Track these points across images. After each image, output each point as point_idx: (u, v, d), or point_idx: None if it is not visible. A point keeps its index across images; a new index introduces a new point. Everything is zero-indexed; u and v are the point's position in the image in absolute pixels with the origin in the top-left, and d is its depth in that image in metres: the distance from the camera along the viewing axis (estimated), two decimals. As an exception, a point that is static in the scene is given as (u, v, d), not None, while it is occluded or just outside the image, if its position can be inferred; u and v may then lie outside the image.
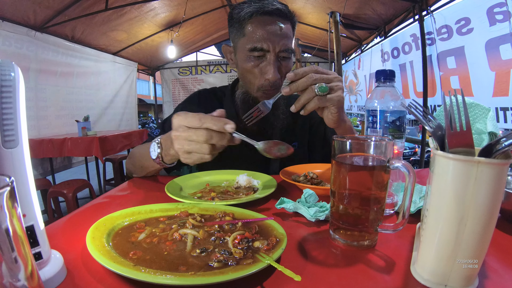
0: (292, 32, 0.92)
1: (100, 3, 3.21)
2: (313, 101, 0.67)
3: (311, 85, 0.67)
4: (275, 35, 0.84)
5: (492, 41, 2.12)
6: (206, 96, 1.09)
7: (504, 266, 0.39)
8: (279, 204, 0.58)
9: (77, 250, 0.43)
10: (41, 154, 3.07)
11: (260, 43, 0.84)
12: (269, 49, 0.84)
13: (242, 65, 0.90)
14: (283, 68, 0.88)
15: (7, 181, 0.18)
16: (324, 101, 0.67)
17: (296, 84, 0.67)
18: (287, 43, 0.87)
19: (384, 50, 3.86)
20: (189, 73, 6.33)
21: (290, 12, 0.91)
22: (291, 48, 0.88)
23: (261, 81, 0.89)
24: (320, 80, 0.67)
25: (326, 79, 0.68)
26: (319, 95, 0.67)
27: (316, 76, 0.67)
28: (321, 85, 0.66)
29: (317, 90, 0.66)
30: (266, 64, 0.86)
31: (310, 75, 0.67)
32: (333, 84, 0.68)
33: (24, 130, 0.33)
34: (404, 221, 0.41)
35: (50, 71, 3.50)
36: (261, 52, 0.85)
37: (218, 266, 0.37)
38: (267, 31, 0.84)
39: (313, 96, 0.67)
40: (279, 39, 0.84)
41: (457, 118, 0.33)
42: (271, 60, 0.85)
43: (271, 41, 0.84)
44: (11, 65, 0.32)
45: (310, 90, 0.67)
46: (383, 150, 0.42)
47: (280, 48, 0.85)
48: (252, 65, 0.88)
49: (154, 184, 0.82)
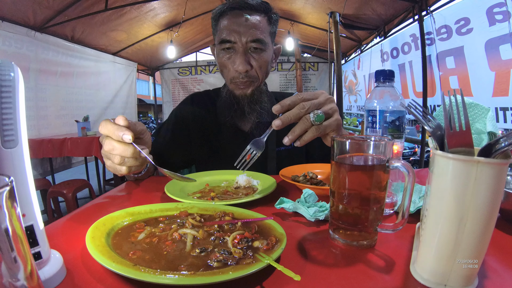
0: (268, 25, 0.93)
1: (100, 3, 3.21)
2: (310, 131, 0.61)
3: (304, 115, 0.61)
4: (241, 26, 0.87)
5: (491, 41, 2.12)
6: (199, 99, 1.10)
7: (504, 266, 0.39)
8: (279, 204, 0.58)
9: (76, 250, 0.43)
10: (41, 154, 3.07)
11: (227, 35, 0.87)
12: (236, 40, 0.87)
13: (217, 60, 0.95)
14: (255, 60, 0.90)
15: (6, 181, 0.18)
16: (323, 130, 0.62)
17: (288, 116, 0.60)
18: (256, 34, 0.87)
19: (383, 50, 3.87)
20: (189, 73, 6.33)
21: (264, 5, 0.92)
22: (261, 39, 0.88)
23: (232, 73, 0.91)
24: (313, 107, 0.62)
25: (318, 104, 0.63)
26: (316, 124, 0.61)
27: (308, 104, 0.61)
28: (318, 114, 0.61)
29: (314, 120, 0.61)
30: (234, 56, 0.89)
31: (301, 105, 0.61)
32: (327, 108, 0.64)
33: (23, 130, 0.33)
34: (403, 221, 0.41)
35: (50, 71, 3.50)
36: (229, 44, 0.88)
37: (217, 265, 0.37)
38: (233, 23, 0.88)
39: (309, 126, 0.61)
40: (245, 30, 0.86)
41: (457, 118, 0.33)
42: (239, 51, 0.88)
43: (236, 32, 0.87)
44: (11, 65, 0.32)
45: (305, 120, 0.61)
46: (383, 150, 0.42)
47: (247, 38, 0.86)
48: (223, 58, 0.91)
49: (154, 184, 0.82)
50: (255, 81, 0.93)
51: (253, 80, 0.92)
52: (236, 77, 0.91)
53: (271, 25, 0.95)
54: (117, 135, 0.56)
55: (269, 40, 0.93)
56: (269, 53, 0.94)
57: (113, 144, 0.57)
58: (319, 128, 0.62)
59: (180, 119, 1.07)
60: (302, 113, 0.61)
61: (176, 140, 1.04)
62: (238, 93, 0.95)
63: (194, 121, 1.06)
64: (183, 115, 1.07)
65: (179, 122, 1.06)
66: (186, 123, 1.06)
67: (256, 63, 0.90)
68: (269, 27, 0.93)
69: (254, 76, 0.92)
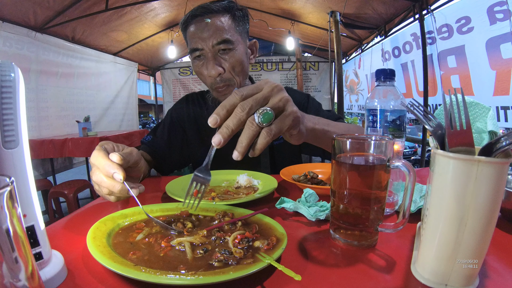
0: (233, 22, 0.90)
1: (100, 3, 3.21)
2: (261, 136, 0.46)
3: (247, 118, 0.45)
4: (204, 31, 0.86)
5: (492, 40, 2.11)
6: (194, 99, 1.11)
7: (505, 266, 0.39)
8: (279, 203, 0.58)
9: (78, 250, 0.43)
10: (42, 154, 3.08)
11: (194, 44, 0.88)
12: (203, 46, 0.87)
13: (193, 70, 0.95)
14: (226, 61, 0.88)
15: (7, 181, 0.18)
16: (276, 130, 0.47)
17: (228, 126, 0.45)
18: (220, 35, 0.86)
19: (384, 50, 3.86)
20: (190, 73, 6.32)
21: (225, 4, 0.89)
22: (226, 39, 0.86)
23: (208, 79, 0.91)
24: (256, 104, 0.46)
25: (263, 99, 0.47)
26: (265, 126, 0.46)
27: (248, 103, 0.45)
28: (263, 113, 0.45)
29: (260, 121, 0.45)
30: (206, 61, 0.89)
31: (240, 106, 0.45)
32: (274, 100, 0.48)
33: (24, 131, 0.33)
34: (404, 221, 0.41)
35: (51, 72, 3.51)
36: (198, 52, 0.88)
37: (218, 265, 0.37)
38: (197, 30, 0.87)
39: (257, 131, 0.45)
40: (208, 34, 0.86)
41: (457, 117, 0.33)
42: (208, 56, 0.88)
43: (201, 39, 0.86)
44: (11, 65, 0.32)
45: (250, 124, 0.45)
46: (383, 149, 0.42)
47: (212, 42, 0.85)
48: (198, 68, 0.91)
49: (155, 185, 0.82)
50: (232, 83, 0.91)
51: (230, 84, 0.91)
52: (213, 83, 0.90)
53: (238, 21, 0.92)
54: (108, 172, 0.54)
55: (237, 37, 0.90)
56: (240, 51, 0.91)
57: (102, 178, 0.55)
58: (271, 130, 0.46)
59: (175, 119, 1.09)
60: (243, 116, 0.45)
61: (172, 139, 1.05)
62: (221, 99, 0.94)
63: (189, 121, 1.08)
64: (179, 115, 1.09)
65: (174, 122, 1.08)
66: (181, 123, 1.08)
67: (228, 64, 0.88)
68: (234, 25, 0.91)
69: (229, 79, 0.90)
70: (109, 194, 0.57)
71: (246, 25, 0.97)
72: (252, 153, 0.47)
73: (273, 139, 0.47)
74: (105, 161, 0.54)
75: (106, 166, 0.54)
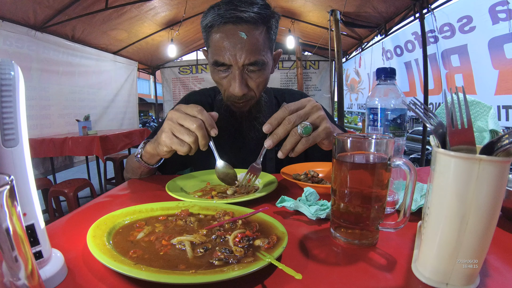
0: (268, 37, 0.81)
1: (100, 2, 3.21)
2: (300, 143, 0.65)
3: (292, 129, 0.64)
4: (236, 47, 0.75)
5: (495, 39, 2.11)
6: (196, 98, 1.09)
7: (505, 265, 0.39)
8: (280, 202, 0.58)
9: (78, 249, 0.43)
10: (42, 153, 3.08)
11: (222, 57, 0.77)
12: (231, 63, 0.77)
13: (212, 76, 0.86)
14: (253, 80, 0.81)
15: (6, 180, 0.18)
16: (312, 140, 0.65)
17: (277, 135, 0.64)
18: (253, 56, 0.76)
19: (386, 48, 3.85)
20: (190, 72, 6.32)
21: (263, 13, 0.77)
22: (260, 61, 0.78)
23: (227, 92, 0.84)
24: (299, 119, 0.64)
25: (305, 115, 0.65)
26: (304, 136, 0.65)
27: (293, 117, 0.64)
28: (305, 126, 0.64)
29: (302, 132, 0.64)
30: (230, 78, 0.80)
31: (287, 119, 0.64)
32: (314, 117, 0.66)
33: (24, 129, 0.33)
34: (405, 220, 0.41)
35: (52, 70, 3.51)
36: (224, 67, 0.79)
37: (218, 264, 0.37)
38: (228, 43, 0.76)
39: (298, 140, 0.65)
40: (241, 53, 0.75)
41: (459, 116, 0.33)
42: (235, 74, 0.78)
43: (232, 55, 0.76)
44: (11, 64, 0.32)
45: (293, 134, 0.64)
46: (384, 148, 0.42)
47: (243, 62, 0.76)
48: (218, 77, 0.83)
49: (155, 183, 0.82)
50: (252, 99, 0.87)
51: (248, 100, 0.86)
52: (233, 98, 0.84)
53: (271, 34, 0.82)
54: (211, 124, 0.66)
55: (269, 56, 0.82)
56: (269, 69, 0.84)
57: (202, 126, 0.65)
58: (309, 140, 0.65)
59: None
60: (289, 128, 0.64)
61: None
62: (235, 110, 0.91)
63: None
64: None
65: None
66: None
67: (254, 84, 0.82)
68: (268, 40, 0.81)
69: (251, 96, 0.85)
70: (190, 143, 0.65)
71: (276, 34, 0.86)
72: (291, 154, 0.66)
73: (309, 147, 0.65)
74: (208, 114, 0.67)
75: (210, 119, 0.66)
